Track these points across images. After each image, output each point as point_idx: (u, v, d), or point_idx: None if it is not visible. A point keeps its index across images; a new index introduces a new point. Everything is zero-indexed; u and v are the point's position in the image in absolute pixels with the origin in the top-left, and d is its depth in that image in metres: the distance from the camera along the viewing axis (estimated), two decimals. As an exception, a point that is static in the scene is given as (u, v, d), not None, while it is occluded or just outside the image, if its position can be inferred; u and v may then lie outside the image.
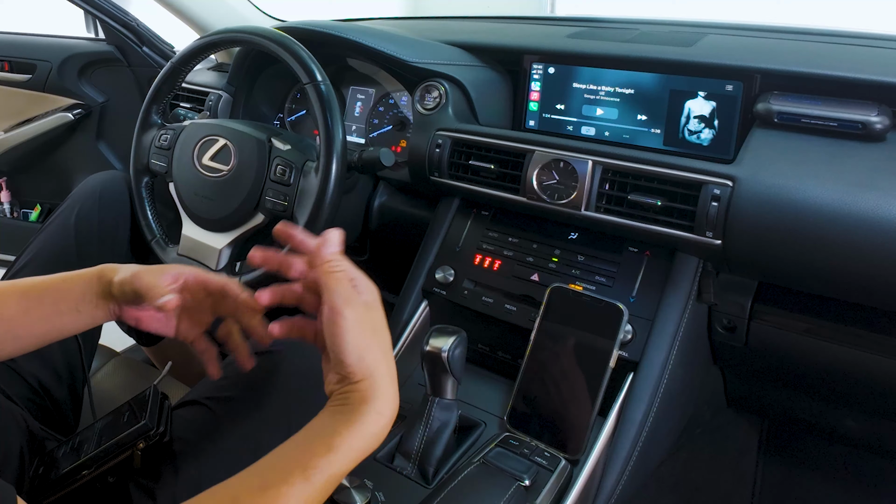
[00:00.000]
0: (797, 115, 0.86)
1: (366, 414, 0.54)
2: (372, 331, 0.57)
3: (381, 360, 0.56)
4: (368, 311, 0.57)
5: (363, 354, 0.55)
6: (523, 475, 0.75)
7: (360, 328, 0.56)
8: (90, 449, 0.72)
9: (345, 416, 0.54)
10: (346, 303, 0.56)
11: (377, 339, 0.57)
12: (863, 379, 0.91)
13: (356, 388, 0.55)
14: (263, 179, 0.98)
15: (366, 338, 0.56)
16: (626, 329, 0.87)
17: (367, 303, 0.58)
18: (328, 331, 0.56)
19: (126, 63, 1.73)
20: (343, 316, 0.55)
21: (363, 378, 0.55)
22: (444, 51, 1.16)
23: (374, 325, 0.57)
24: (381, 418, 0.54)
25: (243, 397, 0.79)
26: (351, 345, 0.55)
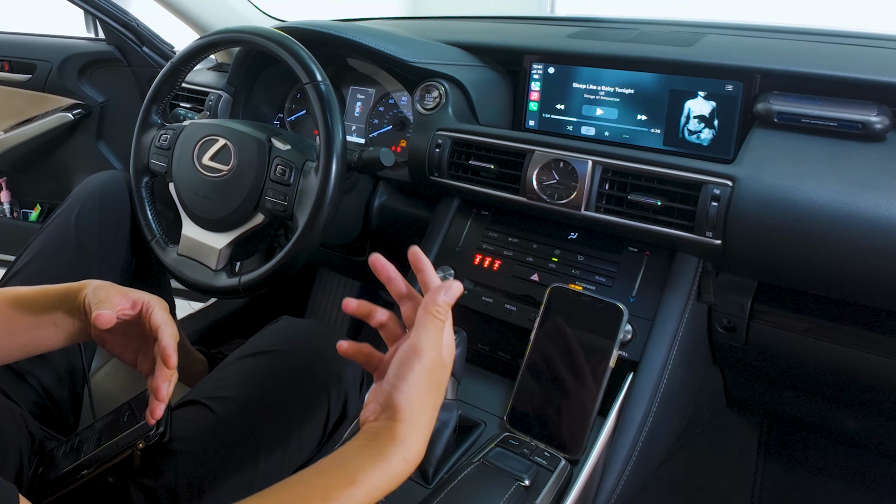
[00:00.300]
0: (797, 115, 0.86)
1: (393, 454, 0.54)
2: (434, 383, 0.57)
3: (427, 412, 0.56)
4: (440, 368, 0.58)
5: (414, 398, 0.55)
6: (523, 475, 0.75)
7: (427, 375, 0.56)
8: (90, 449, 0.72)
9: (372, 452, 0.54)
10: (431, 347, 0.57)
11: (434, 393, 0.57)
12: (863, 379, 0.91)
13: (392, 426, 0.55)
14: (263, 179, 0.98)
15: (425, 385, 0.56)
16: (626, 329, 0.87)
17: (444, 361, 0.59)
18: (398, 363, 0.57)
19: (126, 63, 1.73)
20: (420, 357, 0.56)
21: (403, 420, 0.55)
22: (444, 51, 1.16)
23: (438, 380, 0.58)
24: (406, 464, 0.54)
25: (243, 397, 0.79)
26: (410, 385, 0.55)
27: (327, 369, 0.81)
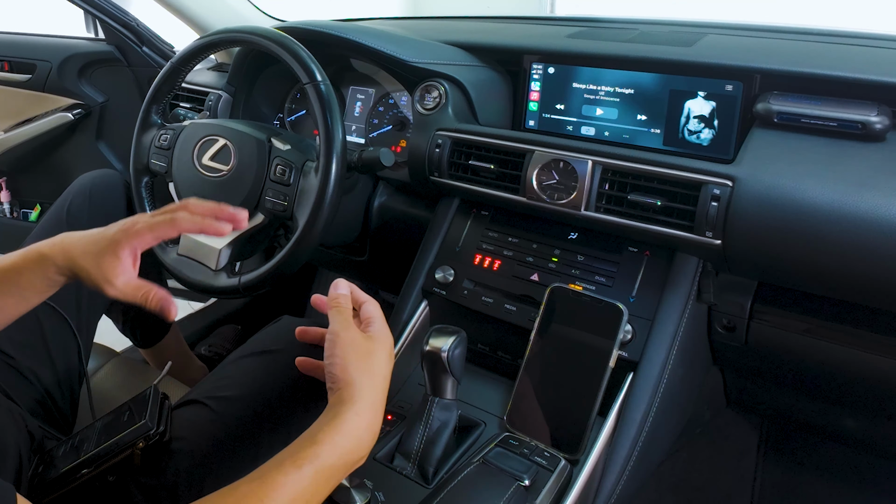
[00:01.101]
0: (797, 115, 0.86)
1: (343, 413, 0.60)
2: (365, 354, 0.64)
3: (366, 374, 0.63)
4: (368, 342, 0.66)
5: (347, 366, 0.63)
6: (523, 475, 0.75)
7: (352, 347, 0.64)
8: (90, 448, 0.72)
9: (329, 417, 0.60)
10: (342, 328, 0.65)
11: (368, 361, 0.64)
12: (863, 379, 0.91)
13: (338, 393, 0.61)
14: (263, 179, 0.97)
15: (355, 355, 0.64)
16: (626, 329, 0.87)
17: (373, 338, 0.66)
18: (325, 352, 0.65)
19: (126, 63, 1.73)
20: (337, 336, 0.64)
21: (346, 384, 0.62)
22: (444, 51, 1.16)
23: (369, 352, 0.65)
24: (359, 418, 0.60)
25: (243, 396, 0.79)
26: (338, 356, 0.63)
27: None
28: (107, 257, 0.71)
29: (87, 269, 0.71)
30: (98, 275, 0.71)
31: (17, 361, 0.87)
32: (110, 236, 0.72)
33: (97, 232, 0.74)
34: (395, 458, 0.82)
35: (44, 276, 0.73)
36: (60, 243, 0.73)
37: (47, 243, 0.74)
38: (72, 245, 0.73)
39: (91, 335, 1.03)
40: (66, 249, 0.73)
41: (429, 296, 1.05)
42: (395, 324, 1.04)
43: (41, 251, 0.73)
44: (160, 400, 0.77)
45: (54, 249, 0.73)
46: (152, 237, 0.73)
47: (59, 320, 0.93)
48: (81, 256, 0.72)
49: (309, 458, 0.57)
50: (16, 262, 0.73)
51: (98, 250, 0.72)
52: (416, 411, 0.84)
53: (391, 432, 0.89)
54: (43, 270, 0.73)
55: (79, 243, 0.73)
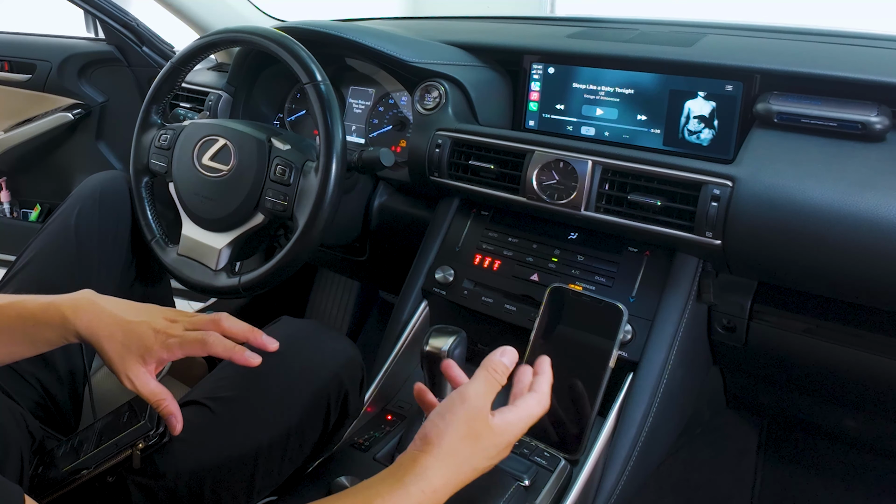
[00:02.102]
0: (797, 116, 0.86)
1: (411, 483, 0.54)
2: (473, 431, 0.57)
3: (459, 454, 0.57)
4: (483, 423, 0.58)
5: (445, 434, 0.56)
6: (523, 475, 0.75)
7: (466, 418, 0.57)
8: (90, 448, 0.72)
9: (392, 479, 0.54)
10: (477, 396, 0.59)
11: (471, 441, 0.57)
12: (863, 379, 0.91)
13: (416, 456, 0.56)
14: (263, 179, 0.97)
15: (462, 427, 0.57)
16: (626, 329, 0.87)
17: (494, 427, 0.59)
18: (443, 404, 0.59)
19: (126, 63, 1.73)
20: (464, 401, 0.58)
21: (429, 452, 0.56)
22: (444, 51, 1.16)
23: (478, 432, 0.58)
24: (423, 496, 0.54)
25: (243, 397, 0.79)
26: (446, 421, 0.57)
27: (327, 369, 0.81)
28: (132, 357, 0.70)
29: (108, 355, 0.70)
30: (119, 367, 0.70)
31: (18, 364, 0.87)
32: (142, 338, 0.70)
33: (127, 318, 0.71)
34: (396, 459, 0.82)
35: (61, 335, 0.71)
36: (87, 311, 0.71)
37: (71, 305, 0.71)
38: (99, 321, 0.70)
39: None
40: (91, 323, 0.70)
41: (429, 296, 1.05)
42: (395, 323, 1.04)
43: (64, 314, 0.70)
44: (160, 400, 0.77)
45: (79, 315, 0.70)
46: (182, 353, 0.71)
47: None
48: (107, 340, 0.70)
49: None
50: (34, 313, 0.71)
51: (125, 345, 0.70)
52: (416, 411, 0.84)
53: (391, 432, 0.89)
54: (62, 331, 0.71)
55: (107, 322, 0.70)
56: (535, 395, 0.63)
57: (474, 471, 0.58)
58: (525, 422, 0.61)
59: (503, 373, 0.61)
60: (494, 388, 0.60)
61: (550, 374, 0.67)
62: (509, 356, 0.63)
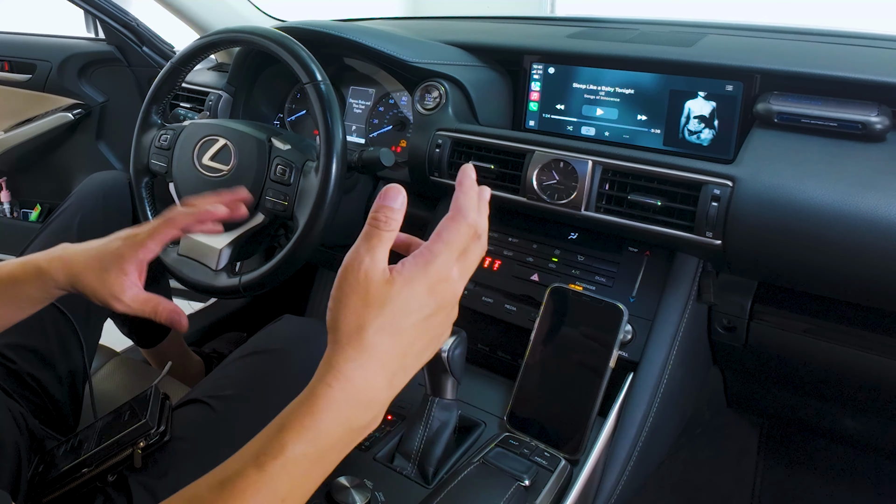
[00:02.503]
0: (797, 116, 0.86)
1: (314, 386, 0.45)
2: (369, 299, 0.45)
3: (361, 323, 0.45)
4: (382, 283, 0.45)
5: (337, 313, 0.46)
6: (523, 475, 0.75)
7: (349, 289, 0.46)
8: (90, 447, 0.72)
9: (302, 393, 0.46)
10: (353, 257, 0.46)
11: (373, 307, 0.45)
12: (863, 379, 0.91)
13: (327, 353, 0.46)
14: (263, 179, 0.98)
15: (350, 299, 0.45)
16: (626, 329, 0.87)
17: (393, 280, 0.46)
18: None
19: (126, 63, 1.73)
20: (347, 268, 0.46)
21: (330, 340, 0.46)
22: (444, 51, 1.16)
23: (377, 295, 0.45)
24: (332, 390, 0.44)
25: (244, 396, 0.79)
26: (331, 300, 0.46)
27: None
28: (112, 272, 0.70)
29: (91, 286, 0.70)
30: (104, 291, 0.69)
31: (17, 366, 0.87)
32: (114, 250, 0.70)
33: (98, 245, 0.72)
34: (395, 458, 0.82)
35: (42, 288, 0.71)
36: (60, 258, 0.71)
37: (45, 256, 0.72)
38: (73, 260, 0.71)
39: (97, 337, 1.03)
40: (67, 264, 0.71)
41: (429, 296, 1.05)
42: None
43: (39, 265, 0.71)
44: (161, 400, 0.77)
45: (53, 264, 0.71)
46: (155, 244, 0.71)
47: (65, 323, 0.93)
48: (84, 273, 0.70)
49: (271, 452, 0.44)
50: (13, 272, 0.71)
51: (102, 266, 0.70)
52: (416, 411, 0.84)
53: (391, 432, 0.89)
54: (42, 284, 0.71)
55: (80, 258, 0.71)
56: (449, 216, 0.50)
57: (398, 335, 0.46)
58: (443, 253, 0.47)
59: (388, 219, 0.48)
60: (381, 241, 0.47)
61: (471, 184, 0.52)
62: (391, 195, 0.49)
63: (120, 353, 1.18)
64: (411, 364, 0.47)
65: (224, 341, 1.61)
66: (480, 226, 0.51)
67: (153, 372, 1.16)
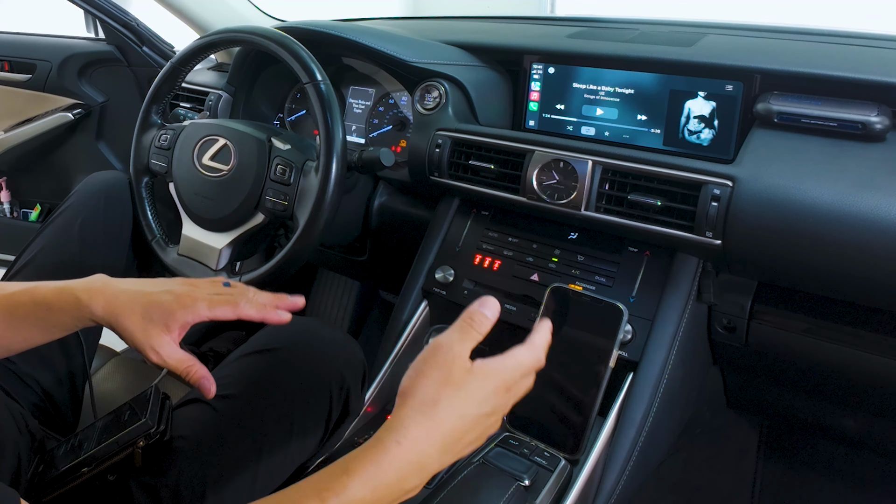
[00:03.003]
0: (797, 116, 0.86)
1: (386, 437, 0.50)
2: (449, 379, 0.52)
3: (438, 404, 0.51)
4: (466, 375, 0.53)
5: (420, 384, 0.52)
6: (523, 475, 0.75)
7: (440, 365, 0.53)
8: (90, 447, 0.72)
9: (370, 442, 0.51)
10: (451, 343, 0.54)
11: (448, 385, 0.52)
12: (863, 379, 0.91)
13: (393, 411, 0.52)
14: (263, 179, 0.98)
15: (437, 375, 0.52)
16: (626, 329, 0.87)
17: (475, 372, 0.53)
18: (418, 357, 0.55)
19: (126, 63, 1.73)
20: (437, 350, 0.54)
21: (403, 405, 0.52)
22: (444, 51, 1.16)
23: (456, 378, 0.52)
24: (399, 448, 0.50)
25: (245, 395, 0.79)
26: (418, 371, 0.53)
27: (329, 367, 0.81)
28: (157, 326, 0.67)
29: (130, 332, 0.68)
30: (143, 341, 0.67)
31: (17, 366, 0.87)
32: (163, 304, 0.68)
33: (146, 292, 0.69)
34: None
35: (77, 318, 0.69)
36: (101, 293, 0.69)
37: (84, 287, 0.69)
38: (116, 300, 0.68)
39: (97, 337, 1.03)
40: (109, 303, 0.68)
41: (429, 296, 1.05)
42: (395, 323, 1.04)
43: (78, 296, 0.68)
44: (161, 399, 0.77)
45: (94, 298, 0.68)
46: (209, 315, 0.70)
47: None
48: (126, 316, 0.68)
49: (335, 490, 0.48)
50: (48, 298, 0.69)
51: (147, 316, 0.68)
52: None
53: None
54: (78, 314, 0.69)
55: (124, 300, 0.68)
56: (525, 345, 0.59)
57: (462, 419, 0.52)
58: (513, 369, 0.56)
59: (481, 322, 0.56)
60: (471, 337, 0.55)
61: (548, 334, 0.63)
62: (490, 307, 0.57)
63: (120, 353, 1.18)
64: (461, 449, 0.53)
65: (223, 340, 1.61)
66: (539, 366, 0.61)
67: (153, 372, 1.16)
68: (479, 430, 0.54)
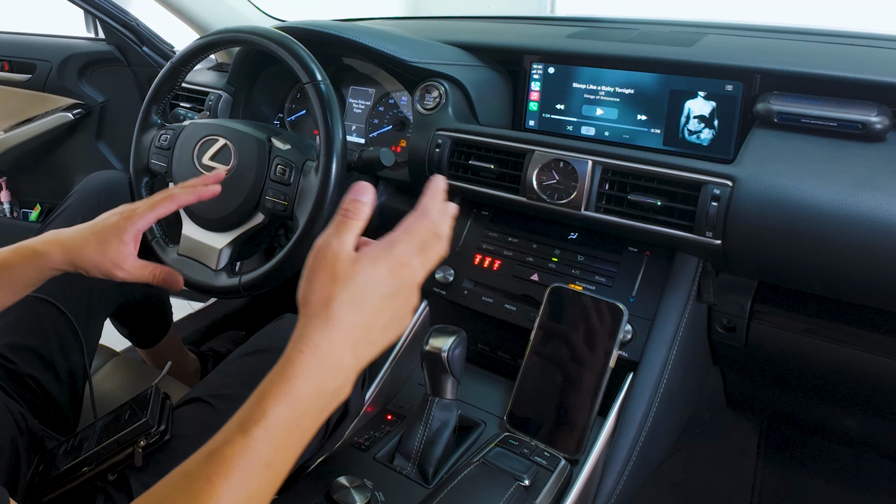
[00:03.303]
0: (797, 115, 0.86)
1: (288, 353, 0.49)
2: (336, 275, 0.49)
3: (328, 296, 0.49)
4: (349, 261, 0.50)
5: (306, 289, 0.50)
6: (523, 475, 0.75)
7: (319, 267, 0.50)
8: (91, 447, 0.72)
9: (278, 363, 0.49)
10: (324, 241, 0.51)
11: (338, 282, 0.49)
12: (863, 379, 0.91)
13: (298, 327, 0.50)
14: (263, 179, 0.97)
15: (318, 275, 0.50)
16: (626, 329, 0.87)
17: (363, 255, 0.51)
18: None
19: (126, 63, 1.73)
20: (313, 250, 0.51)
21: (300, 317, 0.50)
22: (444, 51, 1.16)
23: (344, 271, 0.50)
24: (303, 356, 0.48)
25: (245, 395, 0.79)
26: (301, 280, 0.51)
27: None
28: (112, 244, 0.76)
29: (92, 260, 0.76)
30: (105, 262, 0.76)
31: (17, 366, 0.87)
32: (112, 224, 0.77)
33: (92, 224, 0.79)
34: (395, 458, 0.82)
35: (38, 270, 0.76)
36: (55, 240, 0.77)
37: (39, 241, 0.77)
38: (70, 240, 0.77)
39: (97, 338, 1.03)
40: (64, 245, 0.76)
41: (429, 296, 1.05)
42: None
43: (35, 248, 0.76)
44: (161, 399, 0.77)
45: (49, 246, 0.76)
46: (153, 216, 0.78)
47: (65, 324, 0.93)
48: (83, 249, 0.76)
49: (256, 418, 0.47)
50: (8, 257, 0.76)
51: (101, 240, 0.76)
52: (416, 411, 0.84)
53: (391, 432, 0.89)
54: (37, 266, 0.76)
55: (77, 237, 0.77)
56: (411, 213, 0.56)
57: (362, 310, 0.50)
58: (404, 242, 0.54)
59: (356, 209, 0.53)
60: (350, 227, 0.52)
61: (438, 192, 0.59)
62: (362, 192, 0.54)
63: (120, 353, 1.18)
64: (375, 338, 0.51)
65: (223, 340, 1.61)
66: (441, 228, 0.57)
67: (153, 372, 1.16)
68: (389, 312, 0.51)
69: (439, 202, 0.58)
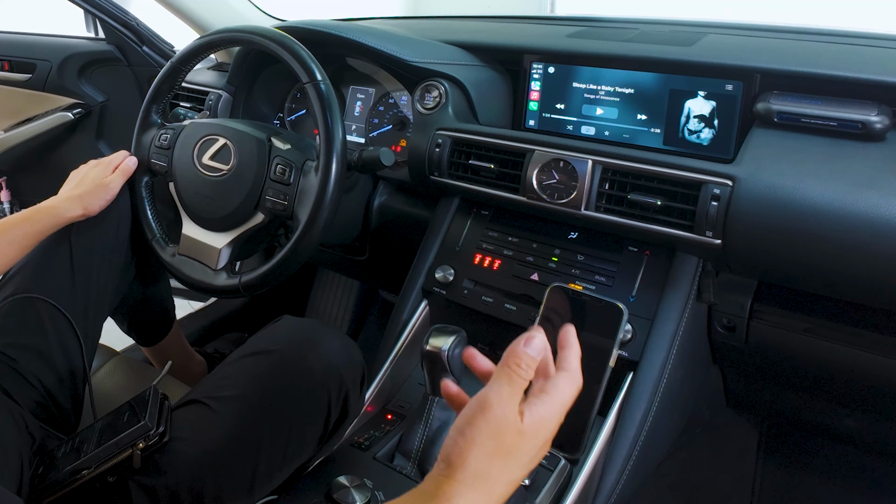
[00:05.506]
0: (797, 115, 0.86)
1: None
2: (502, 446, 0.48)
3: (490, 477, 0.48)
4: (512, 432, 0.49)
5: (471, 456, 0.47)
6: (523, 475, 0.75)
7: (491, 432, 0.48)
8: (90, 448, 0.72)
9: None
10: (500, 404, 0.49)
11: (502, 457, 0.48)
12: (863, 379, 0.91)
13: (441, 482, 0.48)
14: (263, 179, 0.98)
15: (488, 444, 0.48)
16: (626, 328, 0.87)
17: (519, 426, 0.49)
18: (464, 415, 0.50)
19: (126, 63, 1.73)
20: (485, 412, 0.48)
21: (454, 479, 0.47)
22: (444, 50, 1.16)
23: (510, 445, 0.48)
24: None
25: (244, 396, 0.79)
26: (468, 440, 0.48)
27: (328, 368, 0.81)
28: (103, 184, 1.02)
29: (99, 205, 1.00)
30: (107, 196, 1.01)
31: (18, 364, 0.87)
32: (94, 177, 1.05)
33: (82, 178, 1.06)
34: (395, 458, 0.82)
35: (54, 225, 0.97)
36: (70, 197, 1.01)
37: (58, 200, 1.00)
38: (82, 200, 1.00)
39: (97, 337, 1.03)
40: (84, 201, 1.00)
41: (429, 295, 1.05)
42: (395, 323, 1.04)
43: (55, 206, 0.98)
44: (160, 400, 0.77)
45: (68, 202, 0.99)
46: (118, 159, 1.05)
47: (65, 323, 0.93)
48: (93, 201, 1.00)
49: None
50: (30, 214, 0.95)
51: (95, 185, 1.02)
52: (416, 411, 0.84)
53: (391, 432, 0.89)
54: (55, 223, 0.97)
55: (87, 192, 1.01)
56: (564, 374, 0.54)
57: (510, 485, 0.50)
58: (560, 411, 0.52)
59: (528, 367, 0.51)
60: (519, 387, 0.50)
61: (577, 345, 0.58)
62: (535, 346, 0.52)
63: (120, 352, 1.18)
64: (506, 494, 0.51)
65: (225, 341, 1.61)
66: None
67: (153, 371, 1.16)
68: (528, 469, 0.52)
69: (578, 359, 0.58)
